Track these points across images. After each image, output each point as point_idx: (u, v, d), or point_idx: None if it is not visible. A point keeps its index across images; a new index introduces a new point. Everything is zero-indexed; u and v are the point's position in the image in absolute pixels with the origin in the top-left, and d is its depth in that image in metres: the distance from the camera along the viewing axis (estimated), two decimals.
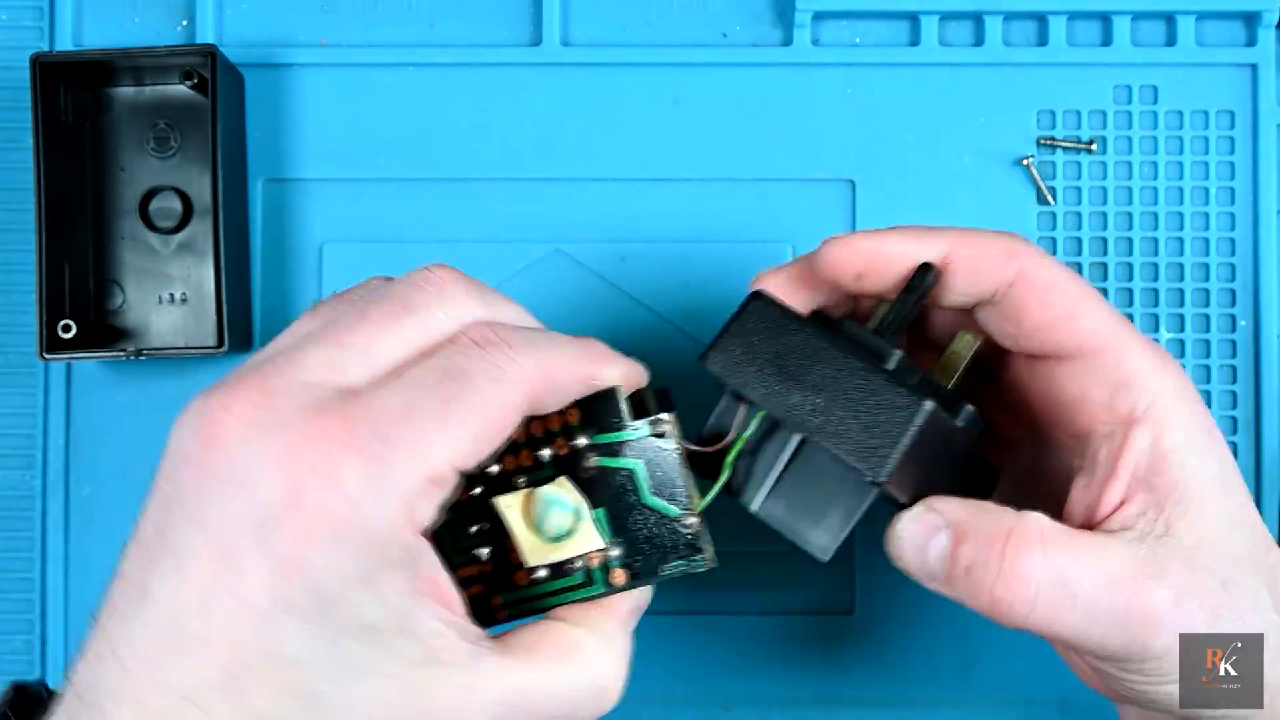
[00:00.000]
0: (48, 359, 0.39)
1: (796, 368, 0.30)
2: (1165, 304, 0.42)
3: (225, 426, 0.25)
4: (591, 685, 0.29)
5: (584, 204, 0.42)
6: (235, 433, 0.25)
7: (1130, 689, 0.31)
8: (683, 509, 0.30)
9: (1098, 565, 0.29)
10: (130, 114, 0.41)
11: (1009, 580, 0.29)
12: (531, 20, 0.43)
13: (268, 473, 0.25)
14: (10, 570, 0.42)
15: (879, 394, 0.29)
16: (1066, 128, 0.42)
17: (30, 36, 0.42)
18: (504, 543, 0.30)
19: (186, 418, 0.26)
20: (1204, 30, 0.42)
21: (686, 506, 0.30)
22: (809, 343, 0.30)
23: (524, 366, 0.27)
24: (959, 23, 0.42)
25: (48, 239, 0.39)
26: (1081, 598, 0.29)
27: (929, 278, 0.31)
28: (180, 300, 0.41)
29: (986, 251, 0.31)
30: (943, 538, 0.30)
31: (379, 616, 0.25)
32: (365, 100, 0.42)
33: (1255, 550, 0.30)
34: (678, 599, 0.42)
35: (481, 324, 0.27)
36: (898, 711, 0.42)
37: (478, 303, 0.28)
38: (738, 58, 0.42)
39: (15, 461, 0.42)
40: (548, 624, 0.29)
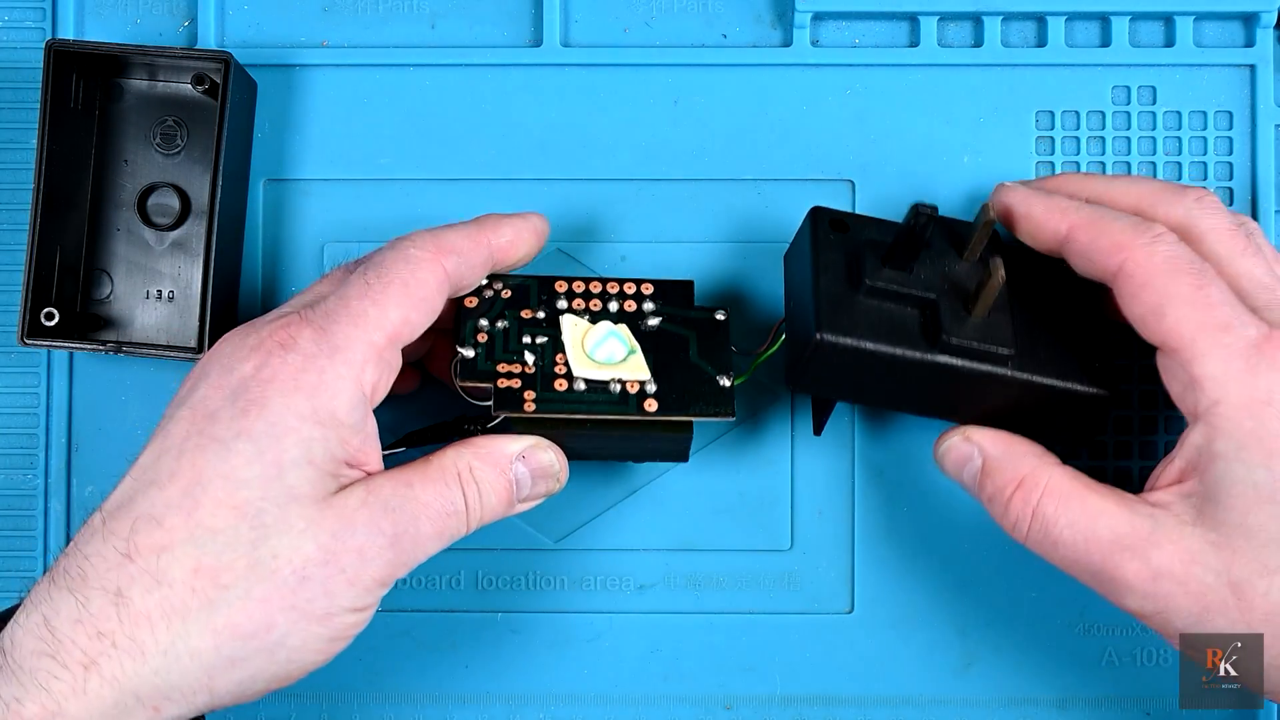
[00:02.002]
0: (28, 345, 0.39)
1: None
2: None
3: (219, 343, 0.34)
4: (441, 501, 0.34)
5: (584, 204, 0.42)
6: (224, 342, 0.34)
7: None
8: (721, 371, 0.36)
9: (1085, 523, 0.33)
10: (140, 107, 0.42)
11: (1013, 519, 0.35)
12: (532, 21, 0.43)
13: (243, 358, 0.33)
14: (10, 570, 0.42)
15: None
16: (1065, 128, 0.42)
17: (32, 36, 0.42)
18: (553, 356, 0.36)
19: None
20: (1202, 31, 0.42)
21: (725, 371, 0.36)
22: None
23: (425, 245, 0.34)
24: (958, 24, 0.43)
25: (42, 223, 0.39)
26: (1061, 546, 0.34)
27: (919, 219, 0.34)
28: (168, 298, 0.42)
29: (1096, 243, 0.34)
30: (976, 463, 0.36)
31: (320, 453, 0.32)
32: (366, 101, 0.42)
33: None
34: (678, 599, 0.42)
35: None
36: (898, 711, 0.42)
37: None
38: (738, 58, 0.42)
39: (16, 461, 0.42)
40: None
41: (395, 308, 0.33)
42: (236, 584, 0.31)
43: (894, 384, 0.35)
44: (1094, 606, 0.42)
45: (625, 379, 0.36)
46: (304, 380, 0.32)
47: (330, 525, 0.32)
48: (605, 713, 0.42)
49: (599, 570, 0.42)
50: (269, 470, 0.31)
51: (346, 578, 0.32)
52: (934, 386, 0.35)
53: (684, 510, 0.42)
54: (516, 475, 0.35)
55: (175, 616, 0.30)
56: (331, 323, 0.33)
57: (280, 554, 0.31)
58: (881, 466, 0.42)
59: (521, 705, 0.42)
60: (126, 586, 0.31)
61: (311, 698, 0.42)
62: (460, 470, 0.34)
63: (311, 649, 0.32)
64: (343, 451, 0.32)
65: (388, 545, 0.32)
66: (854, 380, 0.35)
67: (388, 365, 0.33)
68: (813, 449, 0.42)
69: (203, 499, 0.31)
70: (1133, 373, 0.42)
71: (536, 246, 0.37)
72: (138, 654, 0.30)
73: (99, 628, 0.30)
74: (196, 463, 0.32)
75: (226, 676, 0.31)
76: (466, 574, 0.42)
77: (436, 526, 0.33)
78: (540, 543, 0.42)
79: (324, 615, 0.32)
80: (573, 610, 0.42)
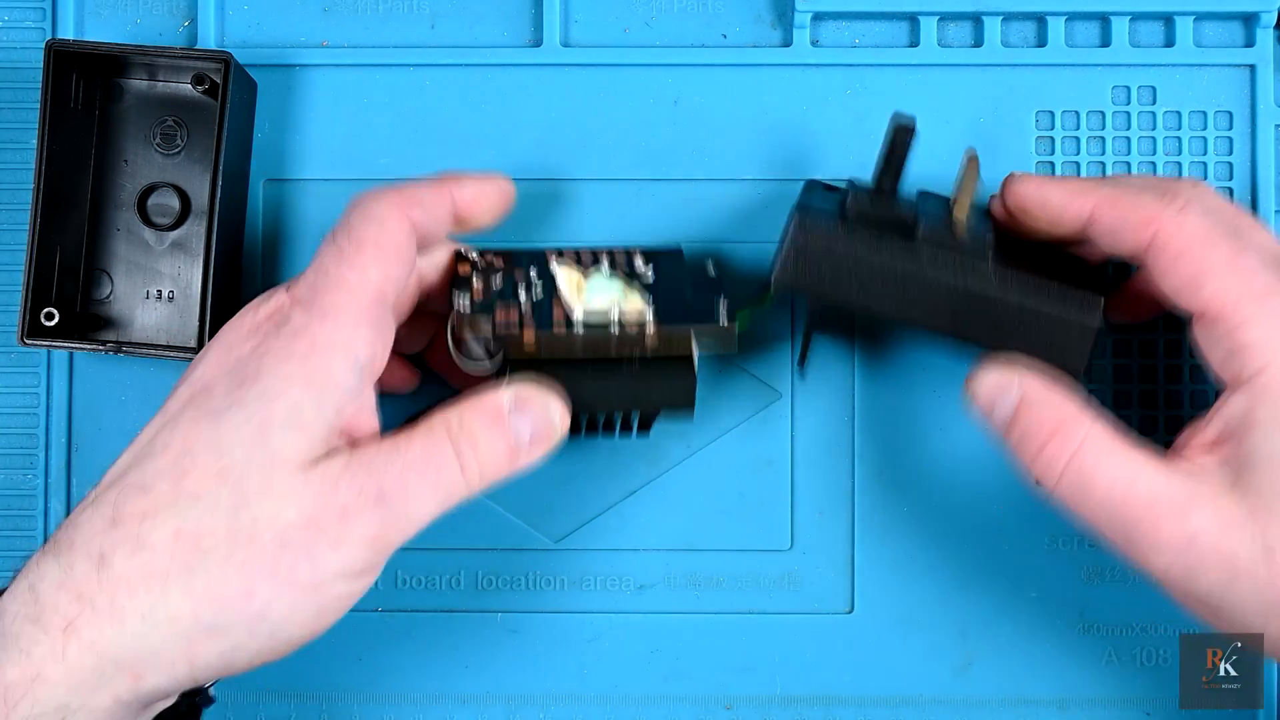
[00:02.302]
0: (28, 345, 0.39)
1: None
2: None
3: (221, 330, 0.34)
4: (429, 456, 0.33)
5: (584, 204, 0.42)
6: (225, 329, 0.34)
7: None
8: (718, 307, 0.36)
9: (1124, 479, 0.33)
10: (140, 107, 0.42)
11: (1045, 462, 0.34)
12: (532, 21, 0.43)
13: (242, 340, 0.33)
14: (10, 571, 0.42)
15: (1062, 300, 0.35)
16: (1065, 128, 0.42)
17: (32, 36, 0.42)
18: (550, 301, 0.36)
19: None
20: (1202, 31, 0.42)
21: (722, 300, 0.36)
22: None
23: (387, 200, 0.34)
24: (958, 24, 0.43)
25: (42, 223, 0.39)
26: (1094, 499, 0.33)
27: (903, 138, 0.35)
28: (168, 298, 0.42)
29: (1124, 218, 0.34)
30: (1012, 398, 0.34)
31: (311, 417, 0.31)
32: (366, 101, 0.42)
33: None
34: (678, 599, 0.42)
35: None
36: (898, 711, 0.42)
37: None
38: (738, 58, 0.42)
39: (16, 461, 0.42)
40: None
41: (373, 266, 0.33)
42: (216, 549, 0.30)
43: (874, 281, 0.35)
44: (1094, 606, 0.42)
45: (624, 310, 0.36)
46: (296, 348, 0.32)
47: (313, 489, 0.31)
48: (605, 713, 0.42)
49: (599, 570, 0.42)
50: (255, 434, 0.31)
51: (329, 540, 0.31)
52: (914, 285, 0.35)
53: (684, 510, 0.42)
54: (511, 422, 0.34)
55: (155, 581, 0.30)
56: (315, 294, 0.33)
57: (260, 519, 0.31)
58: (881, 467, 0.42)
59: (521, 705, 0.42)
60: (109, 551, 0.30)
61: (311, 698, 0.42)
62: (449, 424, 0.33)
63: (297, 621, 0.32)
64: (336, 418, 0.32)
65: (371, 503, 0.31)
66: (834, 274, 0.35)
67: (379, 328, 0.33)
68: (813, 449, 0.42)
69: (191, 467, 0.31)
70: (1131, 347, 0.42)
71: (500, 205, 0.37)
72: (117, 618, 0.30)
73: (80, 590, 0.30)
74: (189, 434, 0.32)
75: (207, 646, 0.31)
76: (466, 574, 0.42)
77: (428, 482, 0.32)
78: (540, 543, 0.42)
79: (310, 584, 0.31)
80: (572, 610, 0.42)
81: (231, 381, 0.32)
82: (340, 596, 0.32)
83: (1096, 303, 0.35)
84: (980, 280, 0.35)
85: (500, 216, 0.37)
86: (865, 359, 0.42)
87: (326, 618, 0.32)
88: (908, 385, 0.42)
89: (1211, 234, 0.33)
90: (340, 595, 0.32)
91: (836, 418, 0.42)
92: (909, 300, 0.35)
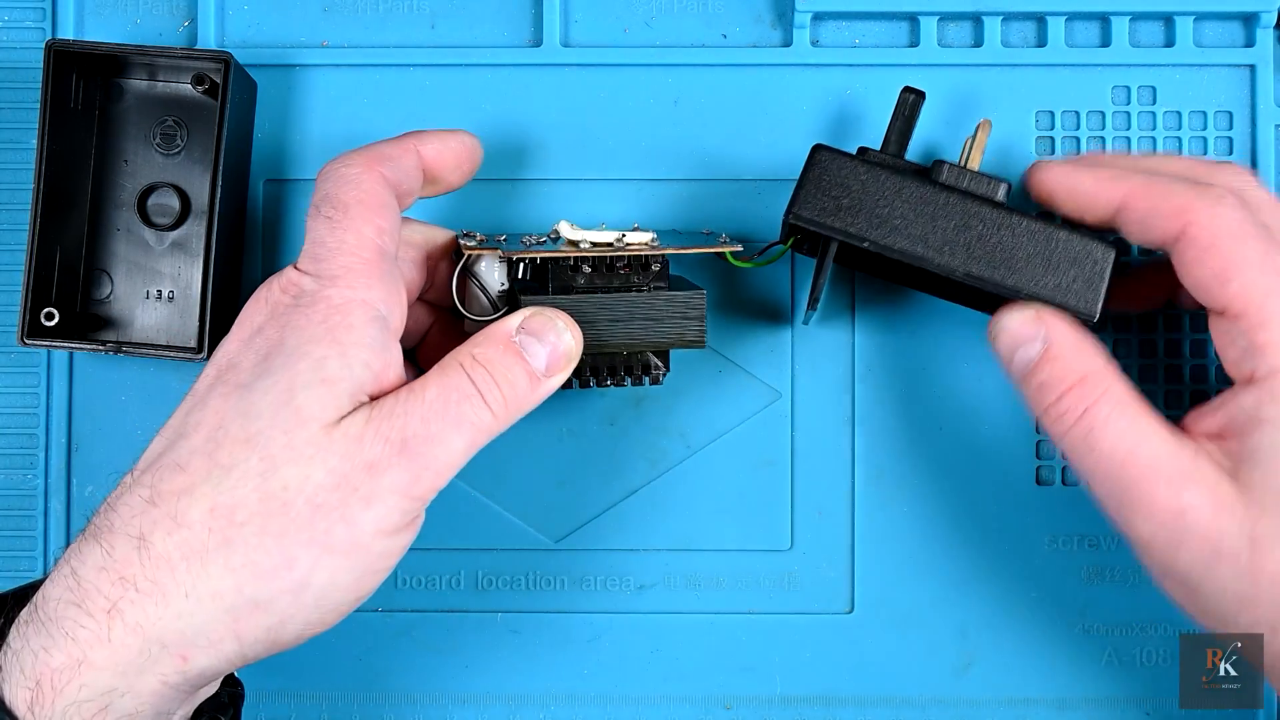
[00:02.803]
0: (28, 345, 0.39)
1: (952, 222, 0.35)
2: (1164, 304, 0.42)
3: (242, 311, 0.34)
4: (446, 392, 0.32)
5: (584, 204, 0.42)
6: (245, 309, 0.34)
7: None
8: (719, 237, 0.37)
9: (1132, 439, 0.33)
10: (140, 107, 0.42)
11: (1060, 411, 0.34)
12: (532, 21, 0.43)
13: (262, 315, 0.33)
14: (10, 570, 0.42)
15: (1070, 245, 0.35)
16: (1065, 128, 0.42)
17: (32, 36, 0.42)
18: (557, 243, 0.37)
19: None
20: (1202, 31, 0.42)
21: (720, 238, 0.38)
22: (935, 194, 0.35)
23: (357, 161, 0.34)
24: (958, 24, 0.43)
25: (42, 223, 0.39)
26: (1098, 453, 0.33)
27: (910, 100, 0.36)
28: (168, 298, 0.42)
29: (1157, 207, 0.34)
30: (1035, 347, 0.34)
31: (336, 370, 0.31)
32: (366, 101, 0.42)
33: None
34: (678, 599, 0.42)
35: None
36: (898, 711, 0.42)
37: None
38: (738, 58, 0.42)
39: (16, 461, 0.42)
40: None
41: (365, 224, 0.33)
42: (251, 520, 0.30)
43: (890, 216, 0.35)
44: (1094, 606, 0.42)
45: (629, 240, 0.36)
46: (315, 313, 0.32)
47: (339, 447, 0.31)
48: (605, 713, 0.42)
49: (599, 570, 0.42)
50: (281, 396, 0.31)
51: (361, 497, 0.31)
52: (930, 219, 0.35)
53: (684, 510, 0.42)
54: (524, 345, 0.34)
55: (194, 558, 0.30)
56: (319, 263, 0.33)
57: (290, 484, 0.31)
58: (881, 467, 0.42)
59: (521, 705, 0.42)
60: (149, 531, 0.30)
61: (311, 698, 0.42)
62: (462, 360, 0.33)
63: (341, 586, 0.31)
64: (365, 371, 0.32)
65: (397, 452, 0.31)
66: (850, 207, 0.35)
67: (389, 281, 0.33)
68: (813, 449, 0.42)
69: (223, 439, 0.31)
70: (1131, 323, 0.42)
71: (466, 161, 0.37)
72: (160, 598, 0.30)
73: (121, 573, 0.30)
74: (220, 409, 0.32)
75: (252, 620, 0.31)
76: (466, 574, 0.42)
77: (450, 420, 0.32)
78: (540, 543, 0.42)
79: (348, 546, 0.31)
80: (573, 610, 0.42)
81: (257, 355, 0.32)
82: (381, 555, 0.32)
83: (1110, 245, 0.35)
84: (996, 216, 0.35)
85: (468, 174, 0.37)
86: (866, 359, 0.42)
87: (370, 580, 0.32)
88: (908, 386, 0.42)
89: (1244, 229, 0.33)
90: (381, 554, 0.32)
91: (836, 418, 0.42)
92: (924, 235, 0.35)
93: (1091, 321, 0.35)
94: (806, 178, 0.36)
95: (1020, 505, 0.42)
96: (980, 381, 0.42)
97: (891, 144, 0.38)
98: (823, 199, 0.35)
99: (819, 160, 0.36)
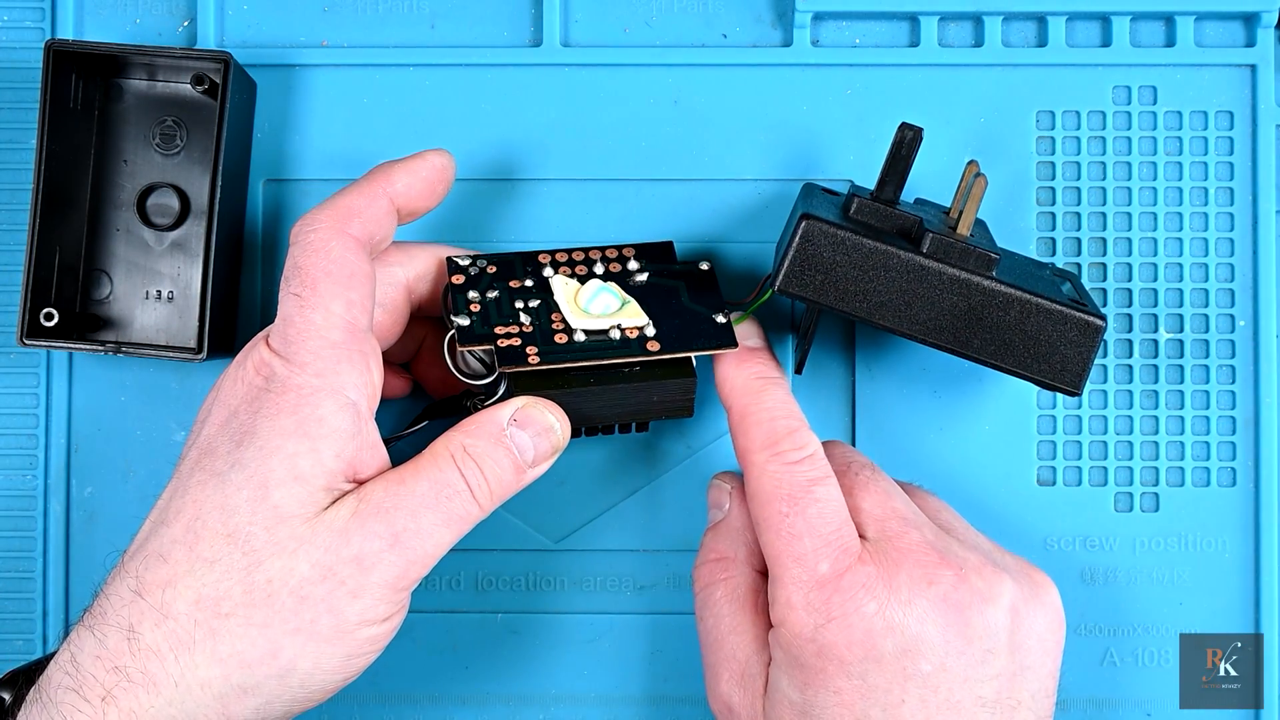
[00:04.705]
0: (28, 345, 0.39)
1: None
2: (1165, 304, 0.42)
3: (218, 380, 0.35)
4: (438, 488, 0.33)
5: (584, 204, 0.42)
6: (222, 378, 0.34)
7: None
8: (716, 311, 0.37)
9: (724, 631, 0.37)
10: (139, 107, 0.42)
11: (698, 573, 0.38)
12: (532, 21, 0.43)
13: (237, 394, 0.33)
14: (10, 570, 0.42)
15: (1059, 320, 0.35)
16: (1066, 128, 0.42)
17: (32, 36, 0.42)
18: (549, 316, 0.36)
19: None
20: (1203, 31, 0.42)
21: (719, 310, 0.37)
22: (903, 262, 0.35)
23: (321, 224, 0.34)
24: (959, 23, 0.43)
25: (42, 223, 0.39)
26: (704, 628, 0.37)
27: (910, 144, 0.36)
28: (167, 298, 0.42)
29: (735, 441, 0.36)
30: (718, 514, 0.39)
31: (308, 467, 0.32)
32: (366, 101, 0.42)
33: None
34: (678, 599, 0.42)
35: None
36: None
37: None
38: (738, 58, 0.42)
39: (16, 461, 0.42)
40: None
41: (334, 300, 0.33)
42: (236, 612, 0.31)
43: (876, 291, 0.35)
44: (1094, 607, 0.42)
45: (624, 325, 0.36)
46: (284, 402, 0.32)
47: (323, 540, 0.31)
48: (605, 713, 0.42)
49: (599, 570, 0.42)
50: (256, 493, 0.31)
51: (348, 590, 0.32)
52: (918, 297, 0.35)
53: (684, 510, 0.42)
54: (514, 439, 0.34)
55: (182, 648, 0.31)
56: (289, 345, 0.33)
57: (274, 577, 0.31)
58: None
59: (521, 705, 0.42)
60: (137, 622, 0.31)
61: None
62: (453, 452, 0.33)
63: (326, 669, 0.32)
64: (336, 462, 0.32)
65: (387, 547, 0.32)
66: (838, 281, 0.35)
67: (361, 359, 0.33)
68: None
69: (202, 532, 0.32)
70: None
71: (441, 182, 0.37)
72: (151, 687, 0.31)
73: (115, 662, 0.31)
74: (198, 498, 0.32)
75: (240, 704, 0.31)
76: (466, 574, 0.42)
77: (440, 515, 0.33)
78: (540, 543, 0.42)
79: (333, 634, 0.32)
80: (573, 611, 0.42)
81: (231, 442, 0.32)
82: (368, 640, 0.33)
83: (1098, 324, 0.35)
84: (984, 294, 0.35)
85: (443, 194, 0.37)
86: (865, 359, 0.42)
87: (356, 663, 0.33)
88: (908, 385, 0.42)
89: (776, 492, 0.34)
90: (368, 639, 0.33)
91: (836, 418, 0.42)
92: (912, 312, 0.35)
93: (1075, 395, 0.36)
94: (792, 251, 0.35)
95: (1020, 505, 0.42)
96: (980, 382, 0.42)
97: (887, 188, 0.36)
98: (810, 273, 0.35)
99: (807, 233, 0.35)
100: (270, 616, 0.31)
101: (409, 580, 0.32)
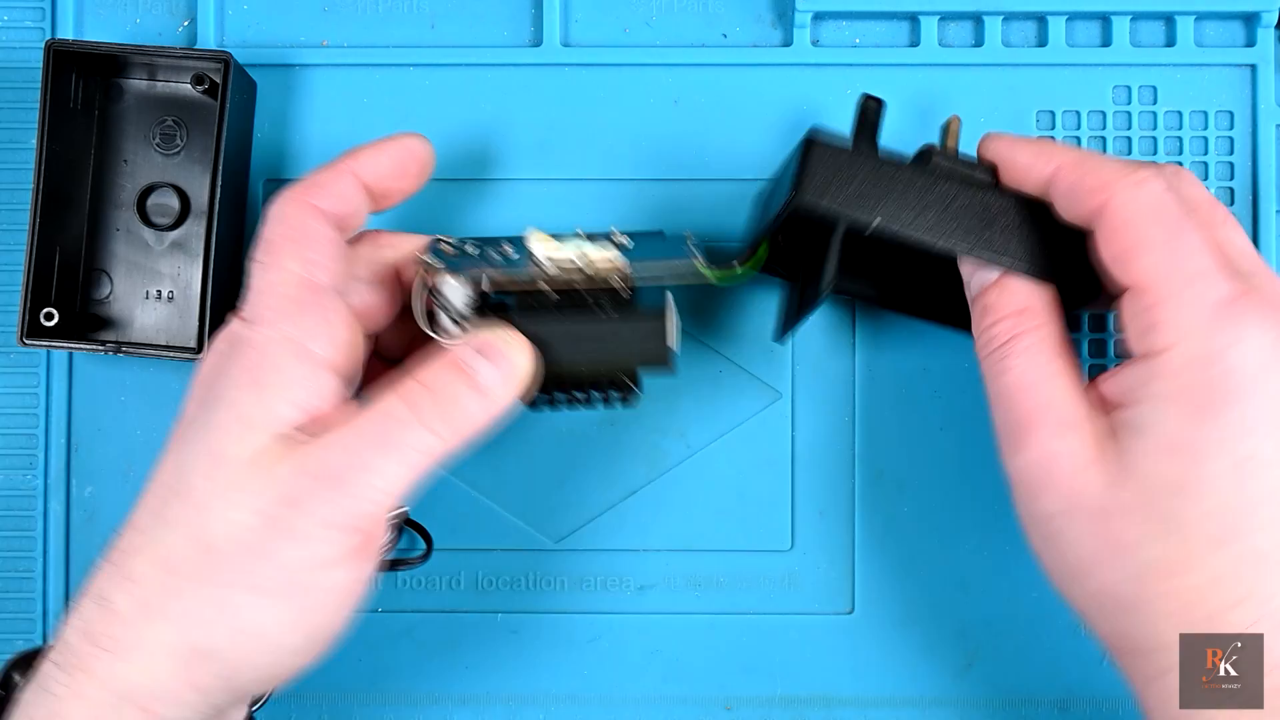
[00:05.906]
0: (28, 345, 0.39)
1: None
2: None
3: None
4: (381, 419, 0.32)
5: (584, 204, 0.42)
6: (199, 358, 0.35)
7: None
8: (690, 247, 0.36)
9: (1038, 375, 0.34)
10: (139, 106, 0.42)
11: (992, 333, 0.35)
12: (532, 21, 0.43)
13: (208, 365, 0.33)
14: (10, 570, 0.42)
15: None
16: (1066, 128, 0.42)
17: (32, 36, 0.42)
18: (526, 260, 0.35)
19: None
20: (1203, 31, 0.42)
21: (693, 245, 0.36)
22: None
23: (287, 197, 0.34)
24: (959, 23, 0.43)
25: (42, 223, 0.39)
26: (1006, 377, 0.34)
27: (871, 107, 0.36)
28: (168, 298, 0.42)
29: (1082, 182, 0.34)
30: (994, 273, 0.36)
31: (257, 413, 0.31)
32: (366, 101, 0.42)
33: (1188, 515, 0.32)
34: (678, 599, 0.42)
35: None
36: (898, 711, 0.42)
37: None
38: (738, 58, 0.42)
39: (16, 461, 0.42)
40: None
41: (289, 260, 0.33)
42: (184, 568, 0.31)
43: (889, 196, 0.35)
44: None
45: (593, 255, 0.35)
46: (243, 358, 0.32)
47: (258, 485, 0.31)
48: (605, 713, 0.42)
49: (599, 570, 0.42)
50: (204, 445, 0.32)
51: (285, 533, 0.30)
52: (929, 204, 0.35)
53: (684, 510, 0.42)
54: (468, 362, 0.33)
55: (145, 612, 0.31)
56: (250, 307, 0.33)
57: (215, 527, 0.31)
58: (882, 467, 0.42)
59: (521, 705, 0.42)
60: (107, 591, 0.31)
61: (311, 697, 0.42)
62: (402, 383, 0.32)
63: (284, 627, 0.31)
64: (290, 410, 0.32)
65: (323, 486, 0.30)
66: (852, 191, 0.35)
67: (323, 314, 0.33)
68: (813, 449, 0.42)
69: (164, 494, 0.32)
70: None
71: (414, 165, 0.36)
72: (122, 653, 0.31)
73: (88, 630, 0.31)
74: (165, 463, 0.33)
75: (203, 669, 0.31)
76: (466, 574, 0.42)
77: (385, 448, 0.31)
78: (540, 543, 0.42)
79: (281, 586, 0.31)
80: (573, 611, 0.42)
81: (197, 406, 0.33)
82: (325, 591, 0.31)
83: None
84: (990, 194, 0.35)
85: (419, 177, 0.36)
86: (865, 358, 0.42)
87: (318, 618, 0.31)
88: (908, 385, 0.42)
89: (1160, 211, 0.33)
90: (324, 590, 0.31)
91: (836, 418, 0.42)
92: (924, 221, 0.35)
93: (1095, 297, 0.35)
94: (806, 167, 0.35)
95: None
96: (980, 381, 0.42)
97: (863, 145, 0.36)
98: (825, 181, 0.35)
99: (819, 154, 0.35)
100: (216, 570, 0.30)
101: (354, 518, 0.31)
